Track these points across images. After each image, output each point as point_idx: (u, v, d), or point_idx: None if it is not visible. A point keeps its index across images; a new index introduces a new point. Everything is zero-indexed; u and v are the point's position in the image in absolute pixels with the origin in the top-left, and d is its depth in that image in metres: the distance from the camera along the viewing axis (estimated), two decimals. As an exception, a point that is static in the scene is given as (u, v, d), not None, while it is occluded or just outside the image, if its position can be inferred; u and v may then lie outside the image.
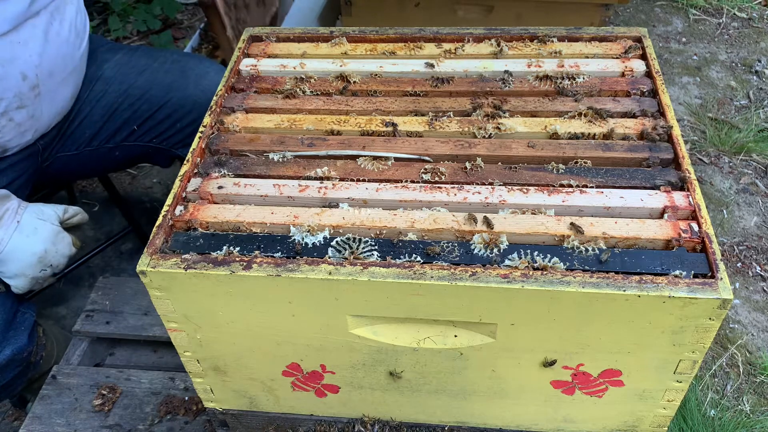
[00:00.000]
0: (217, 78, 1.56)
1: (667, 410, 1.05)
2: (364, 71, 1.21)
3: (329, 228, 0.96)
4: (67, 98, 1.41)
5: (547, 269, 0.88)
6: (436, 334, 0.98)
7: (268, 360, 1.06)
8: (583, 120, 1.09)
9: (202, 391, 1.17)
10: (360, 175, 1.03)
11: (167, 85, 1.53)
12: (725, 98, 2.61)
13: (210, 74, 1.58)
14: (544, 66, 1.18)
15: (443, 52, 1.23)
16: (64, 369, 1.53)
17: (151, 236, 0.96)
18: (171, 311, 0.99)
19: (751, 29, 2.96)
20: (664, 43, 2.91)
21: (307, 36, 1.31)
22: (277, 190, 1.02)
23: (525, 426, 1.15)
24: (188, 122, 1.55)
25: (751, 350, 1.80)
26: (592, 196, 0.97)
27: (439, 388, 1.08)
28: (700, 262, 0.88)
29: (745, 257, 2.05)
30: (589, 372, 1.00)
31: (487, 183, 1.01)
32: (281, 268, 0.90)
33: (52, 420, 1.43)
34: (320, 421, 1.20)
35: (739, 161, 2.35)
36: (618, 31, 1.25)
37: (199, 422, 1.41)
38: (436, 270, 0.89)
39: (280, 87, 1.20)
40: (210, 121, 1.13)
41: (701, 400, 1.66)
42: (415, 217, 0.96)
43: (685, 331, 0.89)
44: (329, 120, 1.13)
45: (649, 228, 0.91)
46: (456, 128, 1.09)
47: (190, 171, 1.05)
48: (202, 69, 1.58)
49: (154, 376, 1.50)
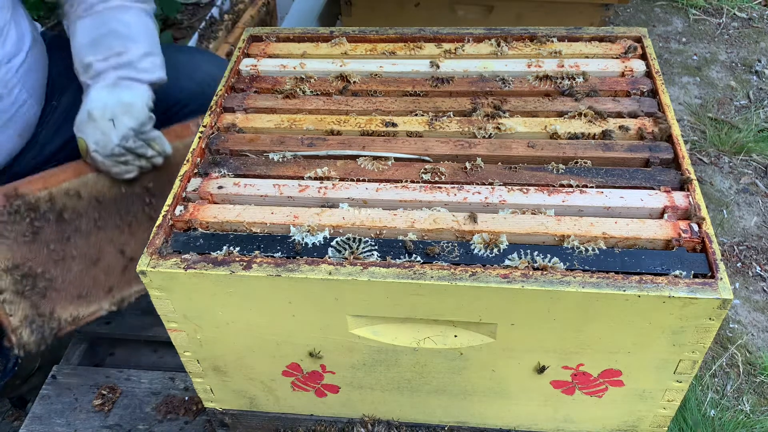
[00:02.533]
0: (211, 68, 1.55)
1: (667, 410, 1.05)
2: (364, 71, 1.21)
3: (329, 228, 0.96)
4: (6, 147, 1.35)
5: (547, 269, 0.88)
6: (436, 334, 0.98)
7: (268, 360, 1.06)
8: (583, 120, 1.09)
9: (202, 391, 1.17)
10: (360, 175, 1.03)
11: None
12: (725, 98, 2.61)
13: (203, 66, 1.56)
14: (544, 66, 1.18)
15: (443, 52, 1.23)
16: (64, 369, 1.53)
17: (151, 236, 0.96)
18: (171, 311, 0.99)
19: (751, 29, 2.96)
20: (664, 43, 2.91)
21: (307, 36, 1.31)
22: (277, 190, 1.02)
23: (525, 426, 1.15)
24: (185, 115, 1.54)
25: (751, 350, 1.80)
26: (592, 196, 0.97)
27: (439, 388, 1.08)
28: (700, 262, 0.88)
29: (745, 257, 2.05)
30: (589, 372, 1.00)
31: (487, 183, 1.01)
32: (281, 268, 0.90)
33: (52, 420, 1.43)
34: (320, 421, 1.20)
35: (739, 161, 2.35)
36: (618, 31, 1.25)
37: (199, 422, 1.41)
38: (436, 270, 0.89)
39: (280, 87, 1.20)
40: (210, 121, 1.13)
41: (701, 400, 1.66)
42: (415, 217, 0.96)
43: (685, 331, 0.89)
44: (329, 120, 1.13)
45: (649, 228, 0.91)
46: (456, 128, 1.09)
47: (190, 171, 1.05)
48: (194, 62, 1.57)
49: (154, 376, 1.50)
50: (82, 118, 1.24)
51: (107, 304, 1.34)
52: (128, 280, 1.37)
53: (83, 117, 1.24)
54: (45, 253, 1.26)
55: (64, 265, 1.29)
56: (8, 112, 1.29)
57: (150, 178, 1.36)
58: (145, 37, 1.30)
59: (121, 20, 1.28)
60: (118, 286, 1.36)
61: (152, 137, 1.28)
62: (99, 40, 1.26)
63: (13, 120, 1.31)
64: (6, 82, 1.26)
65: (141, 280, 1.32)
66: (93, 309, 1.33)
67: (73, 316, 1.29)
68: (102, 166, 1.27)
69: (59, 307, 1.28)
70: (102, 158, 1.25)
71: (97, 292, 1.34)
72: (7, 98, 1.28)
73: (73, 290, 1.30)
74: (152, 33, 1.33)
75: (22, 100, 1.31)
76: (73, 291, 1.30)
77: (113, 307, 1.34)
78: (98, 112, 1.22)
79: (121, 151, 1.25)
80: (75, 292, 1.30)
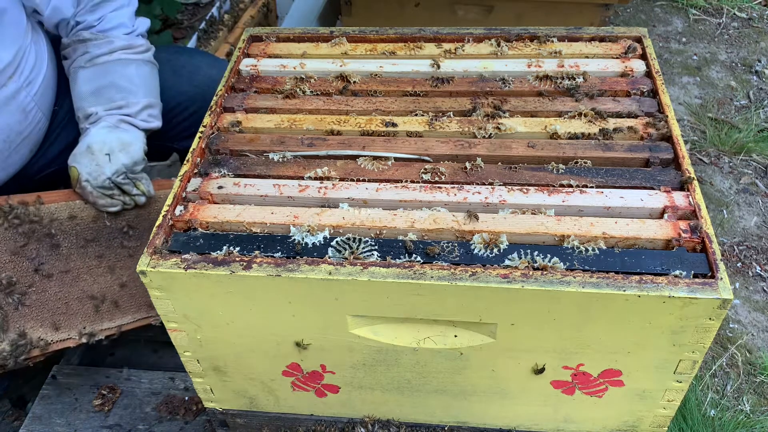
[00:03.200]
0: (211, 71, 1.56)
1: (667, 410, 1.05)
2: (364, 71, 1.21)
3: (329, 228, 0.96)
4: (17, 163, 1.38)
5: (547, 269, 0.88)
6: (436, 334, 0.98)
7: (268, 360, 1.06)
8: (583, 120, 1.09)
9: (202, 391, 1.17)
10: (360, 175, 1.03)
11: (160, 87, 1.53)
12: (725, 98, 2.61)
13: (203, 68, 1.57)
14: (544, 66, 1.18)
15: (443, 52, 1.23)
16: (64, 369, 1.53)
17: (151, 236, 0.96)
18: (171, 311, 0.99)
19: (751, 29, 2.96)
20: (664, 43, 2.91)
21: (307, 36, 1.31)
22: (277, 190, 1.02)
23: (525, 426, 1.15)
24: (185, 117, 1.55)
25: (751, 350, 1.80)
26: (592, 196, 0.97)
27: (439, 388, 1.08)
28: (700, 262, 0.88)
29: (745, 257, 2.05)
30: (589, 372, 0.99)
31: (487, 183, 1.01)
32: (281, 268, 0.90)
33: (52, 420, 1.43)
34: (320, 421, 1.20)
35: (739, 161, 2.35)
36: (618, 31, 1.25)
37: (199, 422, 1.41)
38: (436, 270, 0.89)
39: (280, 87, 1.20)
40: (210, 121, 1.13)
41: (701, 400, 1.66)
42: (415, 217, 0.96)
43: (685, 331, 0.89)
44: (329, 120, 1.13)
45: (649, 228, 0.91)
46: (456, 128, 1.09)
47: (190, 171, 1.05)
48: (194, 64, 1.58)
49: (154, 376, 1.50)
50: (81, 150, 1.28)
51: (77, 335, 1.31)
52: (100, 316, 1.35)
53: (81, 149, 1.28)
54: (25, 267, 1.26)
55: (41, 283, 1.28)
56: (24, 133, 1.33)
57: (131, 217, 1.40)
58: (145, 90, 1.36)
59: (123, 74, 1.34)
60: (89, 318, 1.34)
61: (140, 177, 1.34)
62: (101, 92, 1.32)
63: (28, 139, 1.35)
64: (24, 107, 1.30)
65: (111, 320, 1.34)
66: (62, 336, 1.30)
67: (43, 340, 1.27)
68: (90, 196, 1.30)
69: (29, 327, 1.26)
70: (91, 188, 1.29)
71: (68, 320, 1.31)
72: (24, 121, 1.31)
73: (46, 312, 1.29)
74: (152, 84, 1.39)
75: (37, 120, 1.35)
76: (46, 313, 1.29)
77: (83, 339, 1.32)
78: (97, 146, 1.27)
79: (110, 185, 1.29)
80: (47, 315, 1.29)
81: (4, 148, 1.29)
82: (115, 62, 1.33)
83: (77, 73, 1.34)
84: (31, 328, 1.27)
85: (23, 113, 1.30)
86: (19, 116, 1.29)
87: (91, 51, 1.33)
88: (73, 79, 1.35)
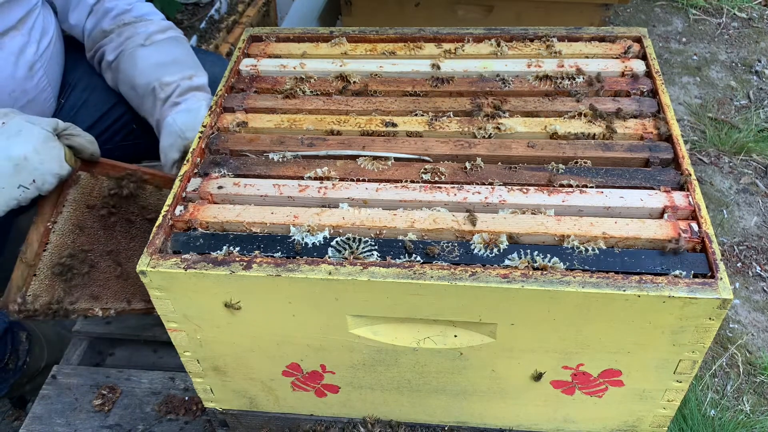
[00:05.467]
0: (212, 69, 1.56)
1: (667, 410, 1.05)
2: (364, 71, 1.21)
3: (329, 228, 0.96)
4: None
5: (547, 269, 0.88)
6: (436, 334, 0.98)
7: (268, 360, 1.06)
8: (583, 120, 1.09)
9: (202, 391, 1.17)
10: (360, 175, 1.03)
11: None
12: (725, 98, 2.61)
13: (206, 67, 1.58)
14: (544, 66, 1.18)
15: (443, 52, 1.23)
16: (64, 369, 1.53)
17: (151, 236, 0.96)
18: (171, 311, 0.99)
19: (751, 29, 2.97)
20: (664, 43, 2.91)
21: (307, 36, 1.31)
22: (276, 190, 1.02)
23: (525, 426, 1.15)
24: None
25: (751, 350, 1.80)
26: (592, 196, 0.97)
27: (439, 388, 1.08)
28: (700, 262, 0.88)
29: (745, 257, 2.05)
30: (589, 372, 1.00)
31: (487, 183, 1.01)
32: (281, 268, 0.90)
33: (52, 420, 1.43)
34: (320, 421, 1.20)
35: (739, 161, 2.35)
36: (618, 31, 1.25)
37: (199, 422, 1.41)
38: (436, 270, 0.89)
39: (280, 87, 1.20)
40: (210, 121, 1.13)
41: (701, 400, 1.66)
42: (415, 217, 0.96)
43: (685, 331, 0.89)
44: (329, 120, 1.13)
45: (649, 228, 0.91)
46: (456, 128, 1.09)
47: (190, 171, 1.05)
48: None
49: (154, 376, 1.50)
50: (194, 125, 1.33)
51: (99, 310, 1.36)
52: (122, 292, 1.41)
53: (196, 123, 1.33)
54: (98, 245, 1.31)
55: (99, 260, 1.33)
56: (30, 94, 1.33)
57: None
58: (199, 65, 1.44)
59: (182, 51, 1.42)
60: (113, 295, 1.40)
61: None
62: (170, 66, 1.38)
63: (34, 103, 1.35)
64: (32, 64, 1.30)
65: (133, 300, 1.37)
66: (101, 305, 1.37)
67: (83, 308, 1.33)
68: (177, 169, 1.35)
69: (81, 301, 1.33)
70: None
71: (103, 293, 1.38)
72: (30, 80, 1.32)
73: (94, 288, 1.34)
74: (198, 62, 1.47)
75: (43, 85, 1.36)
76: (94, 288, 1.34)
77: (104, 313, 1.38)
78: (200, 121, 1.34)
79: None
80: (94, 290, 1.35)
81: (9, 102, 1.28)
82: (170, 40, 1.39)
83: (136, 51, 1.37)
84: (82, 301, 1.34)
85: (29, 70, 1.30)
86: (25, 71, 1.29)
87: (142, 31, 1.37)
88: (131, 57, 1.37)
